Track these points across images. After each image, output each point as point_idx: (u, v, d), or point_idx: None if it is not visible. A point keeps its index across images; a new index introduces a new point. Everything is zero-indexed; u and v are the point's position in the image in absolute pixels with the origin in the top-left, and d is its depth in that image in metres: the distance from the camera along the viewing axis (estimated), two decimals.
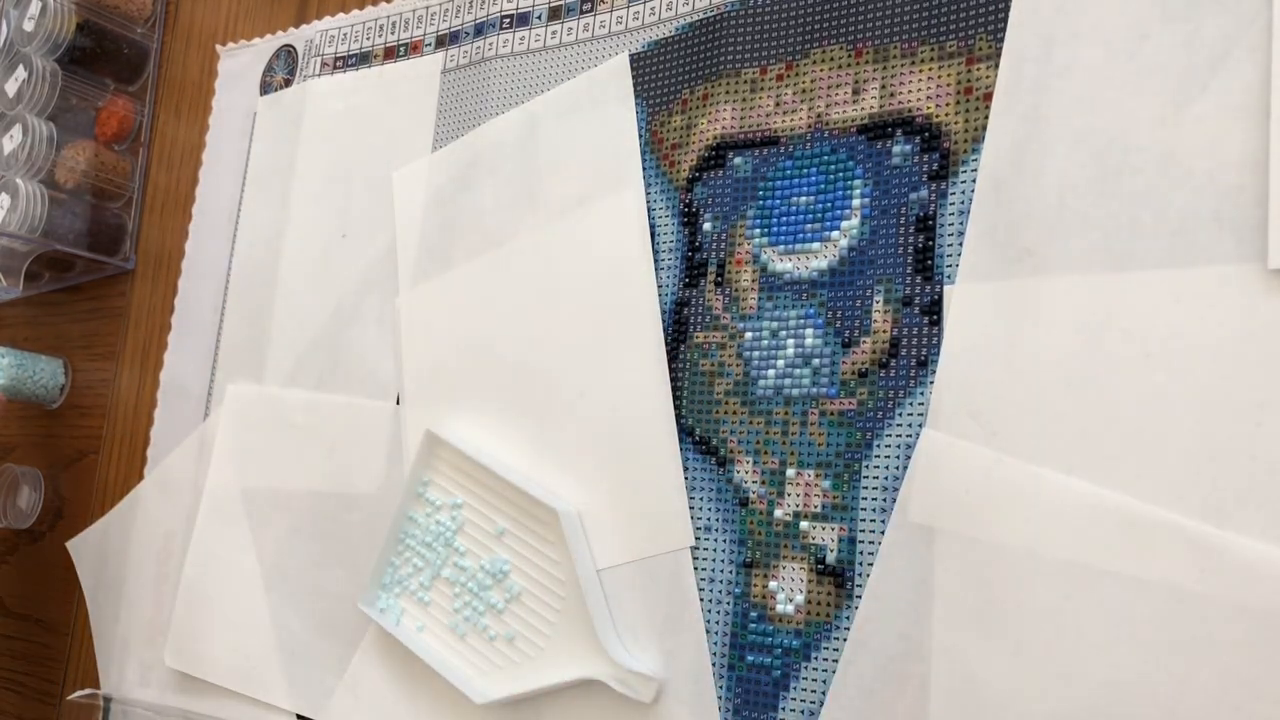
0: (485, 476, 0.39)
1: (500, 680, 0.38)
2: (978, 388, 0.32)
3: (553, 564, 0.37)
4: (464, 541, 0.39)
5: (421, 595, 0.41)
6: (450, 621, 0.39)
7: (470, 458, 0.39)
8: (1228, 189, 0.29)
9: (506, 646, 0.38)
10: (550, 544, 0.37)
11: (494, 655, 0.38)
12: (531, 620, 0.37)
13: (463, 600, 0.39)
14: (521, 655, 0.37)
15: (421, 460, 0.41)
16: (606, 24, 0.45)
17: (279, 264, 0.54)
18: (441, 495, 0.41)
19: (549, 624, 0.37)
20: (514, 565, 0.38)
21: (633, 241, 0.41)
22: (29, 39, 0.63)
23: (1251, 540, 0.27)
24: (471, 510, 0.39)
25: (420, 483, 0.41)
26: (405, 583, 0.42)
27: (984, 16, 0.35)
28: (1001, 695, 0.30)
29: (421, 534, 0.41)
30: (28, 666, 0.64)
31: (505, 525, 0.38)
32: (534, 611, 0.37)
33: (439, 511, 0.40)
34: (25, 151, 0.62)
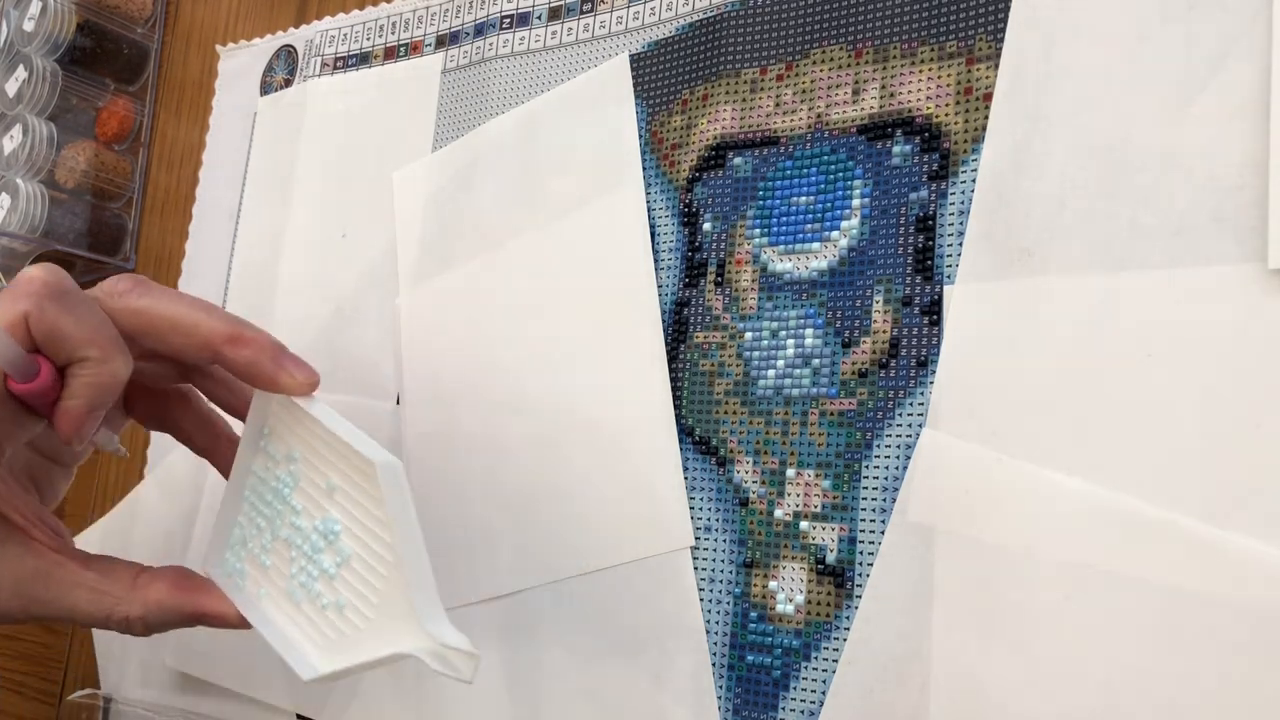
0: (315, 426, 0.34)
1: (329, 654, 0.34)
2: (978, 388, 0.32)
3: (380, 524, 0.32)
4: (299, 499, 0.35)
5: (262, 558, 0.36)
6: (287, 587, 0.35)
7: (298, 404, 0.34)
8: (1228, 189, 0.29)
9: (337, 616, 0.34)
10: (377, 501, 0.32)
11: (326, 625, 0.34)
12: (360, 587, 0.33)
13: (298, 564, 0.35)
14: (351, 626, 0.33)
15: (259, 409, 0.36)
16: (606, 24, 0.45)
17: (279, 264, 0.54)
18: (279, 447, 0.36)
19: (376, 591, 0.33)
20: (344, 526, 0.33)
21: (633, 241, 0.41)
22: (29, 39, 0.63)
23: (1251, 540, 0.27)
24: (306, 464, 0.35)
25: (261, 434, 0.36)
26: (248, 544, 0.37)
27: (984, 16, 0.35)
28: (1001, 695, 0.30)
29: (262, 490, 0.37)
30: (28, 666, 0.64)
31: (336, 481, 0.34)
32: (362, 578, 0.33)
33: (277, 465, 0.36)
34: (25, 151, 0.62)
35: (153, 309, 0.33)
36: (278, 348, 0.34)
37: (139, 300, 0.33)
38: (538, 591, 0.41)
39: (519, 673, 0.41)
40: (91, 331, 0.31)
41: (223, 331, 0.34)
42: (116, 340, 0.32)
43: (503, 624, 0.42)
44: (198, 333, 0.33)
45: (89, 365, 0.31)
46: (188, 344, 0.34)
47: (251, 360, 0.34)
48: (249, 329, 0.34)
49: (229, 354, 0.34)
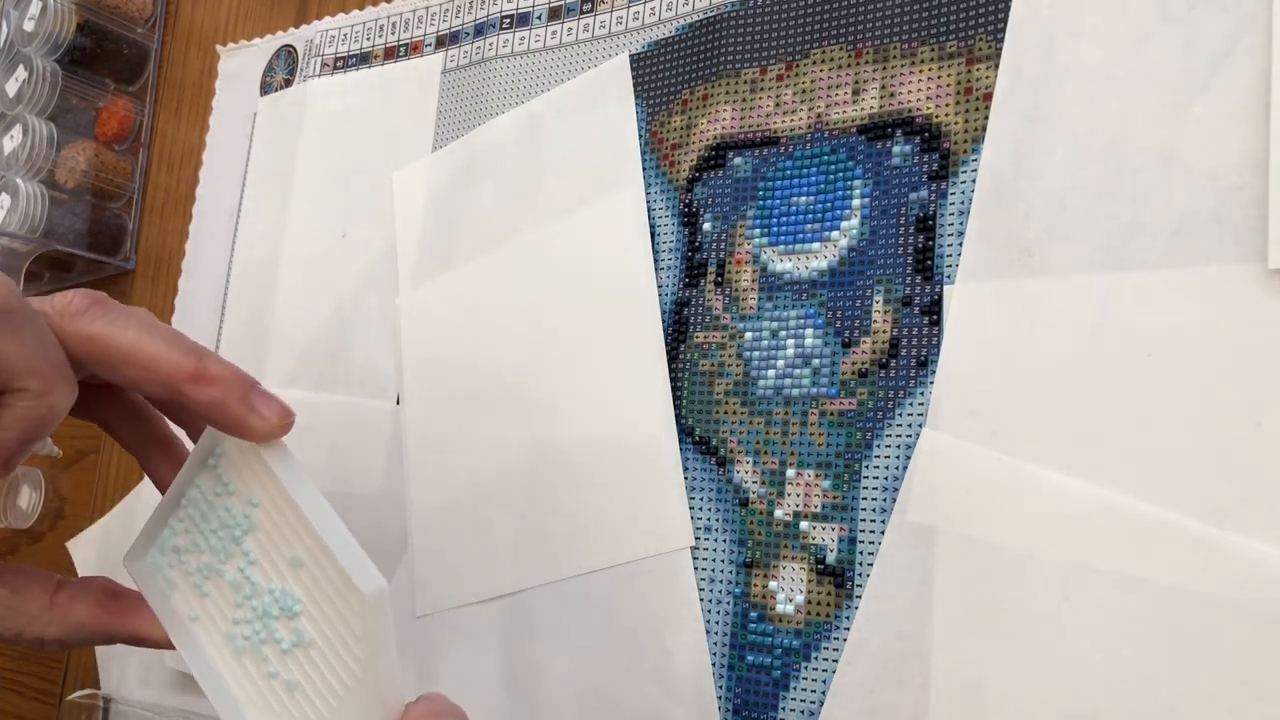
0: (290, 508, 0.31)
1: None
2: (978, 388, 0.32)
3: (353, 637, 0.30)
4: (254, 547, 0.32)
5: (199, 583, 0.33)
6: (227, 630, 0.32)
7: (271, 467, 0.31)
8: (1228, 189, 0.29)
9: (284, 692, 0.31)
10: (355, 614, 0.30)
11: (270, 694, 0.32)
12: (317, 681, 0.31)
13: (243, 615, 0.32)
14: (300, 712, 0.31)
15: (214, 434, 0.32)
16: (606, 24, 0.45)
17: (279, 264, 0.54)
18: (237, 481, 0.32)
19: (336, 696, 0.31)
20: (306, 610, 0.31)
21: (633, 241, 0.41)
22: (29, 39, 0.63)
23: (1251, 540, 0.27)
24: (268, 518, 0.31)
25: (213, 452, 0.32)
26: (183, 558, 0.33)
27: (984, 16, 0.35)
28: (1001, 695, 0.30)
29: (203, 511, 0.33)
30: (28, 666, 0.64)
31: (304, 558, 0.31)
32: (321, 674, 0.31)
33: (230, 496, 0.32)
34: (25, 151, 0.62)
35: (108, 337, 0.30)
36: (246, 384, 0.30)
37: (93, 325, 0.30)
38: (538, 591, 0.41)
39: (519, 673, 0.41)
40: (34, 359, 0.28)
41: (185, 369, 0.30)
42: (61, 369, 0.29)
43: (503, 624, 0.42)
44: (157, 368, 0.30)
45: (27, 397, 0.28)
46: (145, 379, 0.30)
47: (217, 401, 0.30)
48: (215, 364, 0.30)
49: (191, 393, 0.30)
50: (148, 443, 0.36)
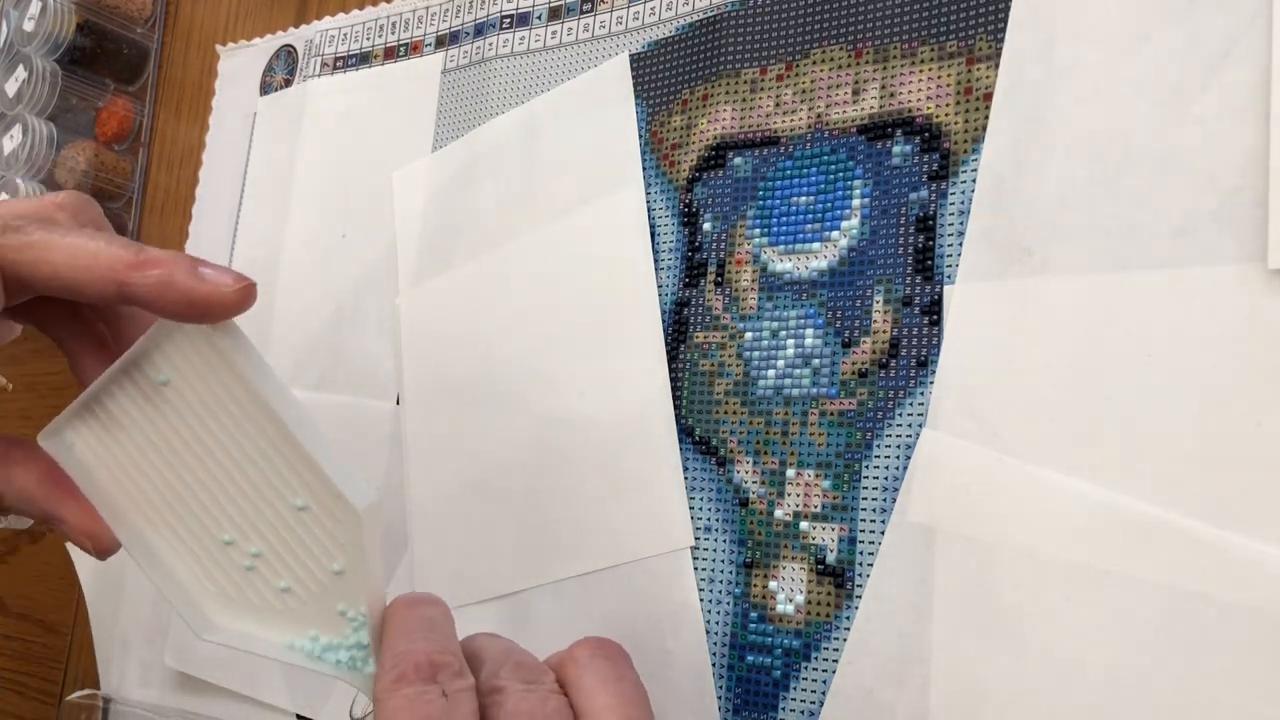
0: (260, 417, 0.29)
1: (234, 615, 0.31)
2: (978, 388, 0.32)
3: (334, 543, 0.29)
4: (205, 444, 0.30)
5: (139, 476, 0.31)
6: (173, 522, 0.31)
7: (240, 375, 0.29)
8: (1228, 189, 0.29)
9: (239, 574, 0.30)
10: (338, 523, 0.29)
11: (226, 579, 0.30)
12: (282, 573, 0.30)
13: (192, 508, 0.30)
14: (261, 599, 0.30)
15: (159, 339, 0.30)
16: (606, 24, 0.45)
17: (279, 264, 0.54)
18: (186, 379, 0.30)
19: (308, 591, 0.30)
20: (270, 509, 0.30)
21: (633, 241, 0.41)
22: (29, 39, 0.63)
23: (1251, 540, 0.27)
24: (226, 415, 0.30)
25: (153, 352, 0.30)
26: (122, 424, 0.31)
27: (984, 16, 0.35)
28: (1001, 695, 0.30)
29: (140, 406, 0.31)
30: (28, 666, 0.64)
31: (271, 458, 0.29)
32: (291, 570, 0.30)
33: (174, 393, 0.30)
34: (25, 151, 0.62)
35: (47, 244, 0.28)
36: (192, 260, 0.28)
37: (32, 235, 0.28)
38: (538, 591, 0.41)
39: None
40: None
41: (126, 257, 0.28)
42: None
43: (503, 624, 0.42)
44: (97, 263, 0.28)
45: None
46: (88, 278, 0.28)
47: (164, 278, 0.27)
48: (156, 250, 0.28)
49: (136, 279, 0.28)
50: (83, 339, 0.33)
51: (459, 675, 0.28)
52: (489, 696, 0.29)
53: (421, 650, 0.28)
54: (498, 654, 0.30)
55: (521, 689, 0.29)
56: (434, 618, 0.30)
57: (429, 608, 0.31)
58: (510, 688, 0.29)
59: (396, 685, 0.27)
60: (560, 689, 0.30)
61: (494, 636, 0.32)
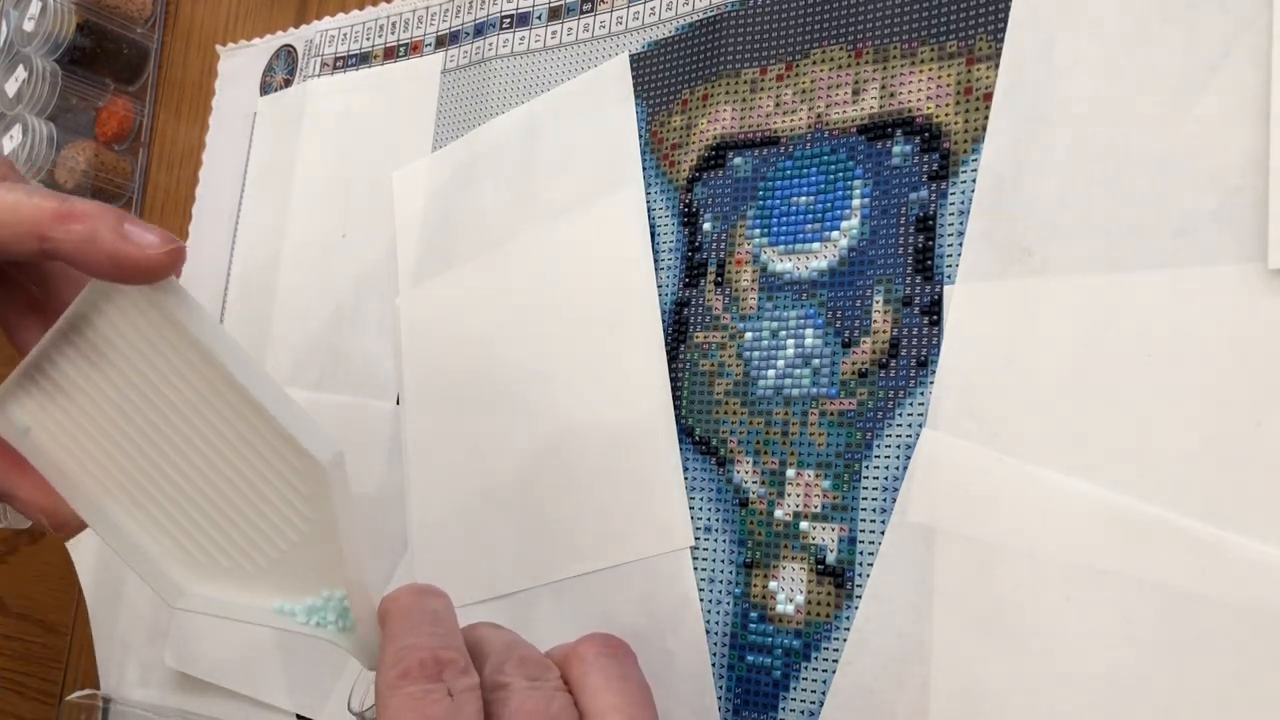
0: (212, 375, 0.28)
1: (204, 578, 0.30)
2: (978, 388, 0.32)
3: (299, 497, 0.29)
4: (154, 406, 0.29)
5: (91, 443, 0.30)
6: (129, 487, 0.30)
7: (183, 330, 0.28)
8: (1228, 189, 0.29)
9: (206, 539, 0.30)
10: (299, 476, 0.29)
11: (190, 544, 0.30)
12: (248, 532, 0.29)
13: (151, 475, 0.30)
14: (231, 563, 0.29)
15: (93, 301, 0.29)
16: (606, 24, 0.45)
17: (279, 264, 0.54)
18: (127, 340, 0.29)
19: (278, 549, 0.29)
20: (230, 465, 0.29)
21: (633, 241, 0.41)
22: (29, 39, 0.63)
23: (1251, 540, 0.27)
24: (173, 374, 0.28)
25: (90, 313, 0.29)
26: (68, 392, 0.30)
27: (984, 16, 0.35)
28: (1001, 695, 0.30)
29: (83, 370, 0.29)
30: (28, 666, 0.64)
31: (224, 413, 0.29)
32: (256, 526, 0.29)
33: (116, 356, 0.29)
34: (25, 151, 0.62)
35: None
36: (119, 215, 0.27)
37: None
38: (538, 591, 0.41)
39: None
40: None
41: (48, 208, 0.26)
42: None
43: (503, 624, 0.42)
44: (18, 216, 0.26)
45: None
46: (6, 233, 0.27)
47: (88, 235, 0.26)
48: (81, 202, 0.27)
49: (59, 234, 0.26)
50: (13, 303, 0.32)
51: (464, 673, 0.28)
52: (493, 693, 0.28)
53: (426, 646, 0.28)
54: (501, 647, 0.30)
55: (526, 685, 0.28)
56: (438, 610, 0.30)
57: (433, 599, 0.30)
58: (515, 684, 0.28)
59: (401, 682, 0.27)
60: (565, 686, 0.30)
61: (496, 627, 0.32)
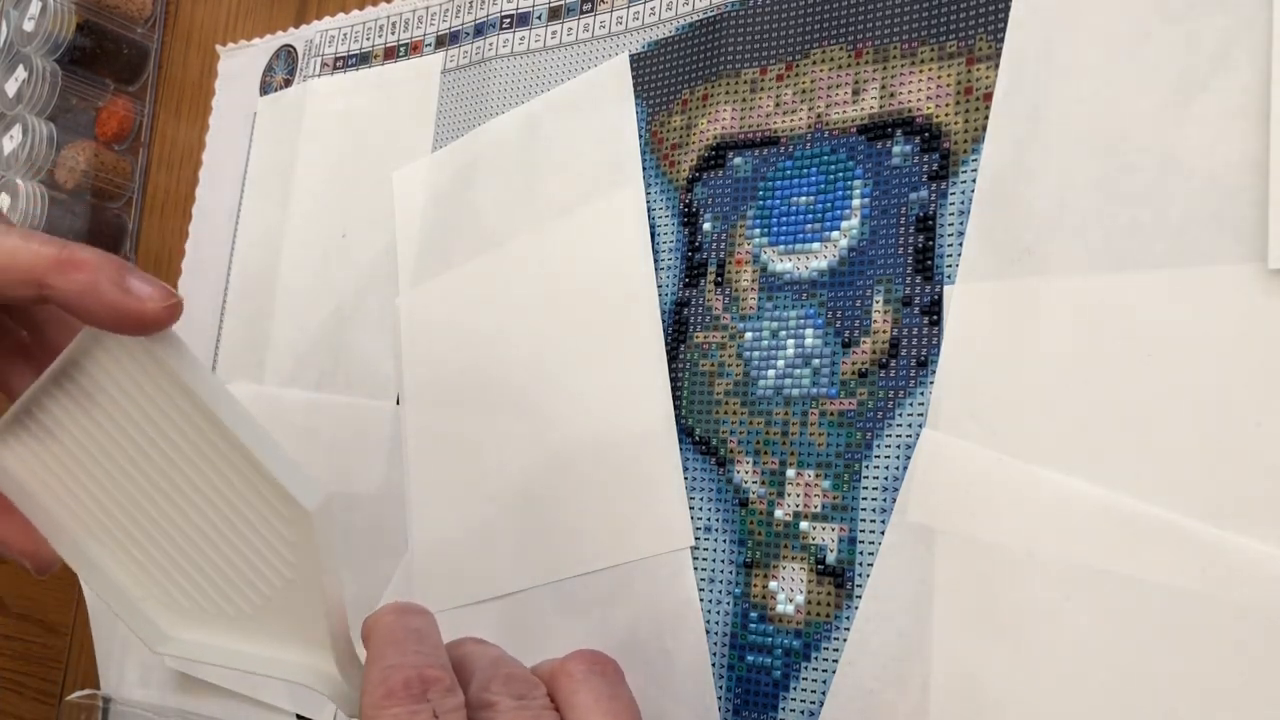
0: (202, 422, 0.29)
1: (187, 624, 0.30)
2: (978, 388, 0.32)
3: (282, 543, 0.30)
4: (152, 463, 0.30)
5: (77, 473, 0.30)
6: (116, 521, 0.31)
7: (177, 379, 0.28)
8: (1228, 189, 0.29)
9: (190, 583, 0.30)
10: (286, 523, 0.29)
11: (174, 590, 0.30)
12: (233, 577, 0.30)
13: (138, 520, 0.30)
14: (216, 608, 0.30)
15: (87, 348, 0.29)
16: (606, 24, 0.45)
17: (279, 264, 0.54)
18: (120, 387, 0.29)
19: (260, 595, 0.30)
20: (221, 512, 0.30)
21: (633, 241, 0.41)
22: (29, 39, 0.63)
23: (1251, 540, 0.27)
24: (165, 422, 0.29)
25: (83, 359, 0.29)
26: (57, 436, 0.30)
27: (984, 16, 0.35)
28: (1001, 695, 0.30)
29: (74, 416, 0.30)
30: (28, 666, 0.64)
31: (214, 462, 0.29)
32: (240, 571, 0.30)
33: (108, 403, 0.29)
34: (25, 151, 0.62)
35: None
36: (120, 266, 0.27)
37: None
38: (538, 591, 0.41)
39: None
40: None
41: (47, 255, 0.26)
42: None
43: (503, 624, 0.42)
44: (15, 262, 0.26)
45: None
46: (4, 278, 0.27)
47: (88, 286, 0.26)
48: (80, 250, 0.27)
49: (58, 283, 0.26)
50: (6, 349, 0.32)
51: (450, 692, 0.27)
52: (479, 712, 0.28)
53: (411, 665, 0.27)
54: (487, 665, 0.29)
55: (513, 705, 0.28)
56: (422, 628, 0.29)
57: (416, 617, 0.29)
58: (501, 703, 0.28)
59: (385, 702, 0.26)
60: (552, 704, 0.29)
61: (481, 643, 0.31)
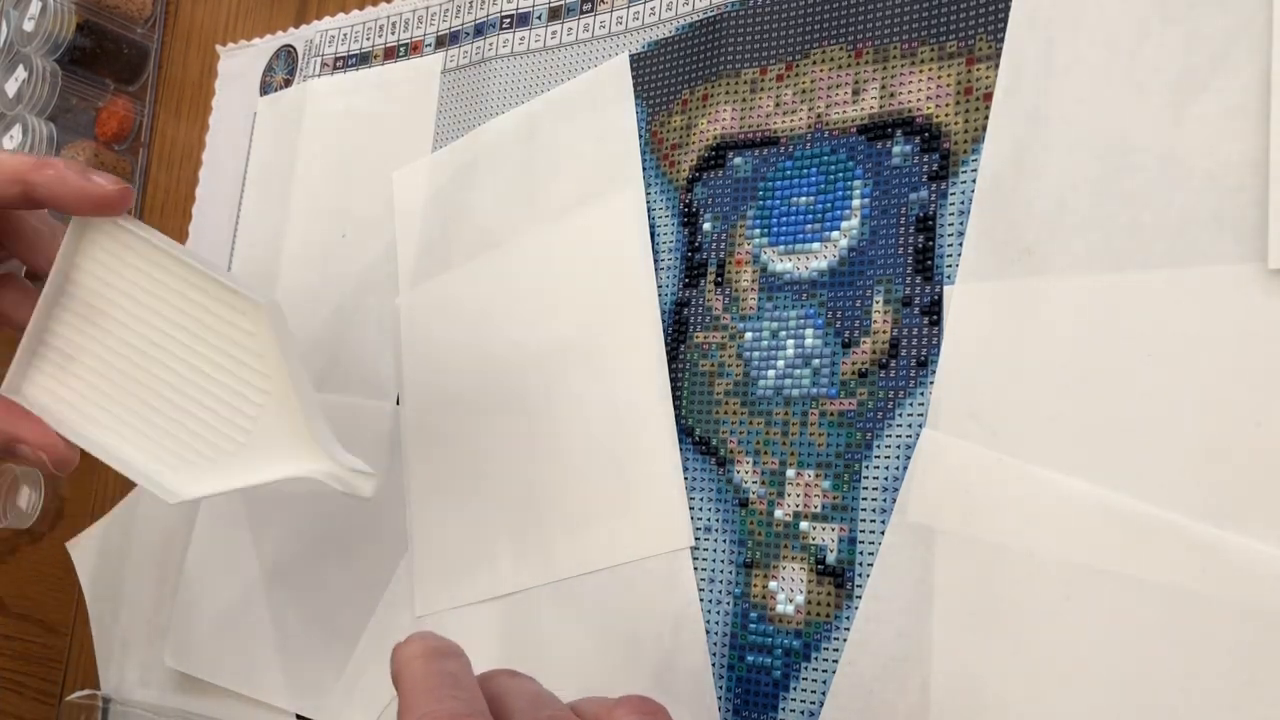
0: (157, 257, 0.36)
1: (194, 477, 0.36)
2: (978, 388, 0.32)
3: (252, 356, 0.36)
4: (136, 334, 0.37)
5: (90, 382, 0.37)
6: (123, 415, 0.37)
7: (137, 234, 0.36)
8: (1228, 189, 0.29)
9: (198, 440, 0.36)
10: (249, 336, 0.36)
11: (183, 449, 0.36)
12: (226, 414, 0.36)
13: (137, 394, 0.37)
14: (217, 450, 0.36)
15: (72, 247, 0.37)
16: (606, 24, 0.45)
17: (279, 264, 0.54)
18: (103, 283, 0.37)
19: (248, 419, 0.36)
20: (205, 357, 0.36)
21: (633, 241, 0.41)
22: (29, 39, 0.63)
23: (1251, 540, 0.27)
24: (147, 298, 0.36)
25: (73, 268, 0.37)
26: (67, 369, 0.37)
27: (984, 16, 0.35)
28: (1001, 695, 0.30)
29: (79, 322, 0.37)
30: (28, 666, 0.64)
31: (190, 314, 0.36)
32: (230, 405, 0.36)
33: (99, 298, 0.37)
34: (25, 151, 0.62)
35: None
36: (81, 166, 0.35)
37: None
38: (538, 591, 0.41)
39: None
40: None
41: (29, 160, 0.34)
42: None
43: (503, 624, 0.42)
44: (4, 167, 0.34)
45: None
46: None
47: (59, 175, 0.34)
48: (52, 158, 0.35)
49: (35, 177, 0.34)
50: None
51: None
52: None
53: (448, 712, 0.26)
54: (526, 705, 0.28)
55: None
56: (457, 672, 0.28)
57: (450, 661, 0.29)
58: None
59: None
60: None
61: (514, 675, 0.30)
